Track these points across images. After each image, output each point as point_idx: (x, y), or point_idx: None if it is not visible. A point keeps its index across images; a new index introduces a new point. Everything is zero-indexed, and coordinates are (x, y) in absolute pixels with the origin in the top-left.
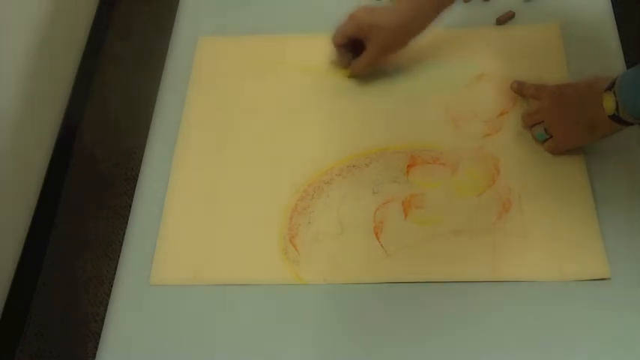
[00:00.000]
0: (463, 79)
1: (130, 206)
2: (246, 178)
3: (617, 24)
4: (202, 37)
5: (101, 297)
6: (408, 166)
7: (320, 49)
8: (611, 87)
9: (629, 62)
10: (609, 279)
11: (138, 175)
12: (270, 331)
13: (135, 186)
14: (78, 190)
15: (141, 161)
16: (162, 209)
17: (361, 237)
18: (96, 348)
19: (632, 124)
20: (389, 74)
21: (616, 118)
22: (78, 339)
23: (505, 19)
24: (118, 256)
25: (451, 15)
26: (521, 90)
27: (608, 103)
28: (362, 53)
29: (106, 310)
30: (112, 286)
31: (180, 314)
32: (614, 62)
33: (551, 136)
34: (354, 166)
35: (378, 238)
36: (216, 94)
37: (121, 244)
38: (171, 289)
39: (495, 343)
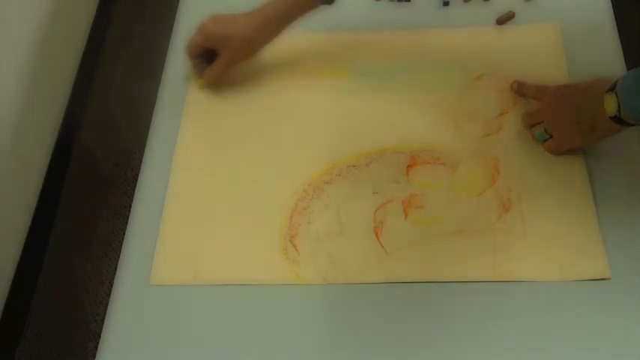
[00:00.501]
0: (463, 79)
1: (130, 206)
2: (245, 178)
3: (617, 24)
4: None
5: (101, 297)
6: (408, 166)
7: (320, 48)
8: (612, 88)
9: (629, 62)
10: (609, 279)
11: (138, 175)
12: (270, 331)
13: (135, 186)
14: (78, 190)
15: (141, 161)
16: (162, 209)
17: (361, 237)
18: (96, 348)
19: (632, 125)
20: (389, 74)
21: (617, 119)
22: (78, 339)
23: (505, 19)
24: (118, 256)
25: (451, 15)
26: (521, 90)
27: (610, 105)
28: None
29: (106, 310)
30: (112, 286)
31: (180, 314)
32: (614, 62)
33: (551, 136)
34: (354, 166)
35: (378, 238)
36: (216, 93)
37: (121, 244)
38: (171, 289)
39: (495, 342)
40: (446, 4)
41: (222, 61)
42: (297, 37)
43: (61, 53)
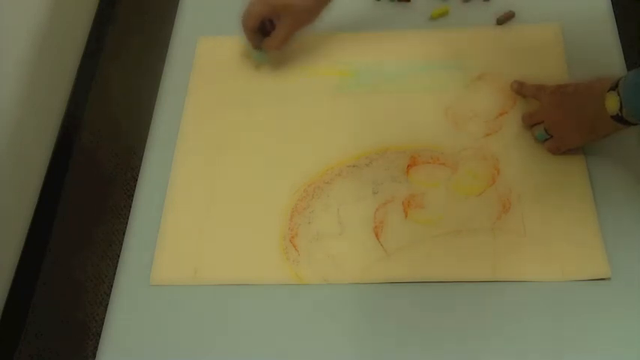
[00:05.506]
0: (463, 79)
1: (130, 206)
2: (246, 178)
3: (617, 24)
4: (202, 37)
5: (101, 297)
6: (408, 166)
7: (320, 48)
8: (614, 87)
9: (630, 62)
10: (609, 279)
11: (138, 175)
12: (270, 331)
13: (135, 186)
14: (78, 190)
15: (141, 161)
16: (162, 209)
17: (361, 237)
18: (96, 348)
19: (634, 124)
20: (389, 74)
21: (618, 118)
22: (78, 339)
23: (505, 19)
24: (118, 256)
25: (451, 15)
26: (521, 90)
27: (612, 104)
28: (271, 33)
29: (106, 310)
30: (112, 286)
31: (180, 314)
32: (614, 62)
33: (552, 136)
34: (354, 166)
35: (378, 238)
36: (216, 93)
37: (121, 244)
38: (171, 289)
39: (495, 343)
40: None
41: (285, 26)
42: (297, 37)
43: (61, 53)
